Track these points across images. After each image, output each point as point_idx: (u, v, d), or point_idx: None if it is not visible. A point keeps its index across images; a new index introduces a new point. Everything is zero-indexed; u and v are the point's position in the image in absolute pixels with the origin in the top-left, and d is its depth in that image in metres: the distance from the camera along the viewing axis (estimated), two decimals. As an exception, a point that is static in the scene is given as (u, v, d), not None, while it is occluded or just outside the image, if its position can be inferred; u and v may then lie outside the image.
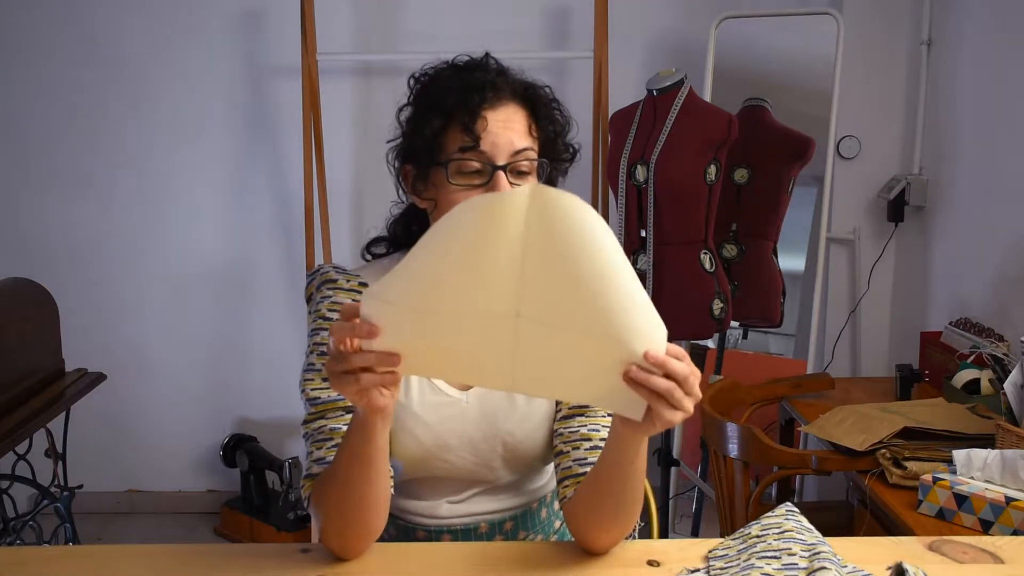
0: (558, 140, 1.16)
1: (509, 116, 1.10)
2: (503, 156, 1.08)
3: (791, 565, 1.01)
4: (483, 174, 1.09)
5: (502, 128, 1.09)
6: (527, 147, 1.10)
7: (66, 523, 2.35)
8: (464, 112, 1.08)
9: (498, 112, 1.09)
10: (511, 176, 1.09)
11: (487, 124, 1.08)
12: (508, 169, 1.08)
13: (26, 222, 3.26)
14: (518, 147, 1.09)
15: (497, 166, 1.08)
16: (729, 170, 2.74)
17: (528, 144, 1.10)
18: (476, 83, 1.10)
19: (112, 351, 3.22)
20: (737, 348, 3.01)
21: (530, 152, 1.11)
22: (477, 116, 1.08)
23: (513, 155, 1.09)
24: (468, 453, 1.18)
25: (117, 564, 1.10)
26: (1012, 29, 2.39)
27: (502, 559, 1.09)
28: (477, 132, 1.08)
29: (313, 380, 1.14)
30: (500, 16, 3.09)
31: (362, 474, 1.01)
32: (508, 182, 1.08)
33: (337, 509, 1.05)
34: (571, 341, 0.85)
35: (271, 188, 3.26)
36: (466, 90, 1.09)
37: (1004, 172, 2.42)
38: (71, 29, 3.15)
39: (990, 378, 2.08)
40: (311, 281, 1.22)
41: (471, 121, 1.08)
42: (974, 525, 1.57)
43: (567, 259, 0.82)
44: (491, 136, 1.08)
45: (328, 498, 1.05)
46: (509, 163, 1.08)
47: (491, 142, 1.08)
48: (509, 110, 1.10)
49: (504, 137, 1.08)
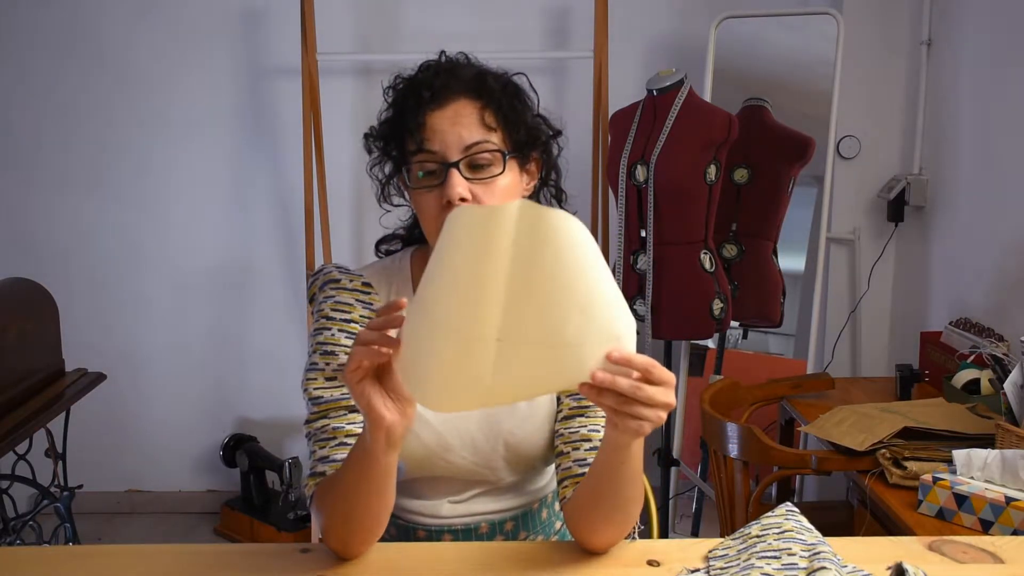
0: (522, 122, 1.14)
1: (457, 111, 1.10)
2: (455, 152, 1.08)
3: (791, 565, 1.01)
4: (439, 173, 1.09)
5: (449, 125, 1.08)
6: (481, 139, 1.09)
7: (66, 523, 2.35)
8: (410, 118, 1.10)
9: (445, 110, 1.09)
10: (468, 171, 1.09)
11: (432, 124, 1.09)
12: (463, 164, 1.08)
13: (26, 222, 3.26)
14: (468, 141, 1.08)
15: (449, 163, 1.08)
16: (729, 170, 2.74)
17: (482, 136, 1.09)
18: (420, 86, 1.11)
19: (112, 351, 3.22)
20: (737, 348, 3.01)
21: (486, 144, 1.09)
22: (421, 119, 1.09)
23: (465, 149, 1.08)
24: (469, 453, 1.18)
25: (117, 564, 1.10)
26: (1012, 29, 2.39)
27: (502, 559, 1.09)
28: (422, 136, 1.09)
29: (316, 379, 1.14)
30: (500, 16, 3.09)
31: (368, 490, 1.02)
32: (463, 177, 1.08)
33: (340, 515, 1.05)
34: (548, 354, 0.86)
35: (271, 188, 3.26)
36: (410, 95, 1.11)
37: (1004, 172, 2.42)
38: (71, 29, 3.15)
39: (990, 378, 2.08)
40: (314, 281, 1.22)
41: (416, 126, 1.09)
42: (974, 525, 1.57)
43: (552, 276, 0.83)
44: (439, 135, 1.08)
45: (332, 503, 1.05)
46: (462, 158, 1.08)
47: (440, 141, 1.08)
48: (457, 105, 1.10)
49: (452, 134, 1.08)
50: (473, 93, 1.11)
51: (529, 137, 1.15)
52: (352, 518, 1.05)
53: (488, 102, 1.11)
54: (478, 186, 1.08)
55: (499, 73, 1.16)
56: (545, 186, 1.24)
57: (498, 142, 1.10)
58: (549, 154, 1.20)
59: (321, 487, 1.09)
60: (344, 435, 1.11)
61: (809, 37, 2.90)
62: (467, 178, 1.08)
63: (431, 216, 1.10)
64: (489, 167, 1.10)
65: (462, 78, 1.12)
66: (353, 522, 1.05)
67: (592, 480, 1.06)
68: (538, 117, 1.18)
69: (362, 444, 0.99)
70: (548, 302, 0.84)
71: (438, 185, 1.08)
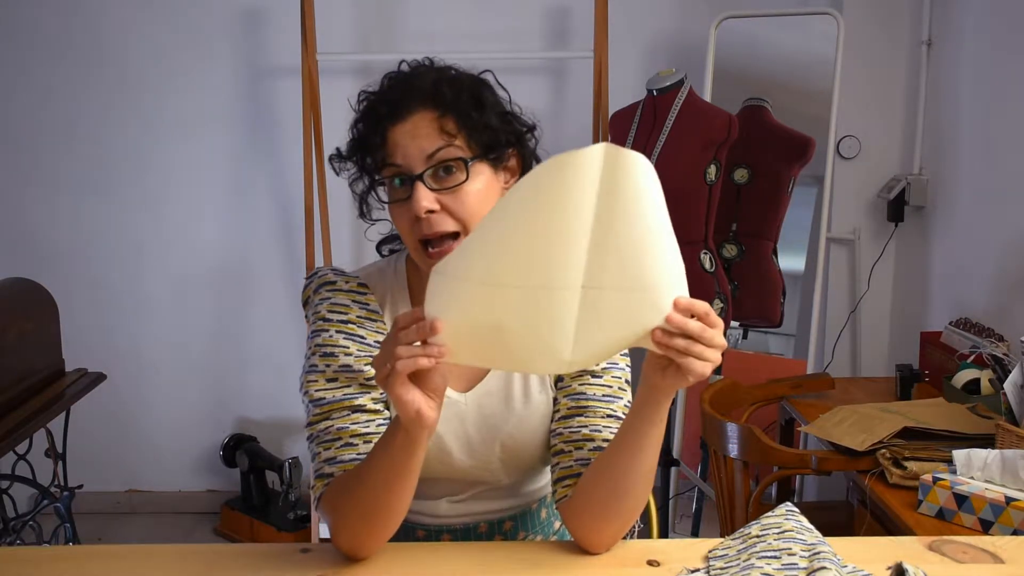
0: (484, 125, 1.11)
1: (415, 124, 1.09)
2: (418, 164, 1.08)
3: (791, 565, 1.01)
4: (406, 186, 1.09)
5: (409, 139, 1.08)
6: (441, 146, 1.08)
7: (66, 523, 2.35)
8: (371, 136, 1.11)
9: (405, 123, 1.09)
10: (434, 182, 1.08)
11: (393, 139, 1.09)
12: (428, 175, 1.08)
13: (26, 222, 3.26)
14: (429, 150, 1.08)
15: (413, 176, 1.08)
16: (729, 170, 2.74)
17: (442, 143, 1.08)
18: (379, 102, 1.12)
19: (112, 351, 3.22)
20: (737, 348, 3.01)
21: (449, 150, 1.08)
22: (382, 137, 1.09)
23: (428, 159, 1.08)
24: (466, 455, 1.18)
25: (117, 564, 1.10)
26: (1012, 29, 2.39)
27: (502, 559, 1.10)
28: (385, 150, 1.09)
29: (316, 381, 1.14)
30: (500, 16, 3.09)
31: (398, 485, 1.02)
32: (429, 189, 1.07)
33: (360, 512, 1.05)
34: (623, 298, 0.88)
35: (271, 188, 3.26)
36: (371, 111, 1.12)
37: (1004, 172, 2.42)
38: (72, 29, 3.15)
39: (990, 378, 2.08)
40: (308, 284, 1.22)
41: (378, 143, 1.10)
42: (974, 525, 1.57)
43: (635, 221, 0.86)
44: (400, 149, 1.08)
45: (352, 501, 1.05)
46: (426, 169, 1.08)
47: (402, 155, 1.08)
48: (414, 118, 1.09)
49: (413, 146, 1.08)
50: (430, 103, 1.10)
51: (494, 138, 1.13)
52: (374, 515, 1.05)
53: (446, 110, 1.09)
54: (445, 195, 1.08)
55: (459, 76, 1.14)
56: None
57: (461, 147, 1.09)
58: (525, 148, 1.18)
59: (334, 487, 1.09)
60: (349, 435, 1.11)
61: (809, 37, 2.90)
62: (434, 189, 1.07)
63: (405, 230, 1.10)
64: (455, 174, 1.09)
65: (419, 88, 1.11)
66: (373, 519, 1.05)
67: (610, 455, 1.07)
68: (508, 115, 1.16)
69: (393, 441, 1.00)
70: (631, 246, 0.86)
71: (407, 199, 1.08)
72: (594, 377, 1.17)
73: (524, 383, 1.19)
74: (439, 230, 1.07)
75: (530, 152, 1.19)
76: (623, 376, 1.18)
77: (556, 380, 1.20)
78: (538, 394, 1.19)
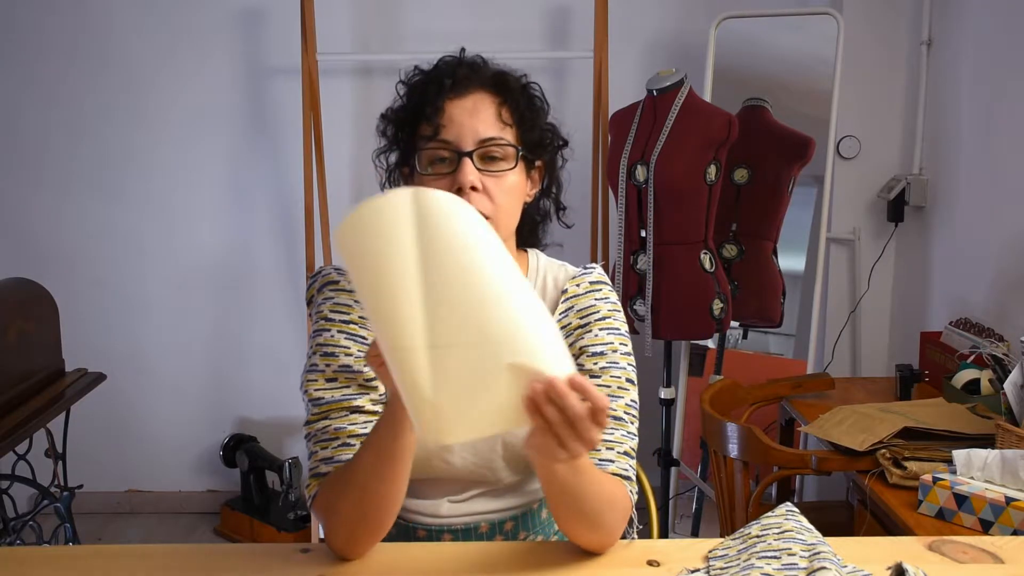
0: (536, 123, 1.17)
1: (475, 104, 1.12)
2: (469, 143, 1.10)
3: (791, 565, 1.01)
4: (451, 162, 1.10)
5: (467, 116, 1.10)
6: (496, 135, 1.11)
7: (66, 523, 2.35)
8: (427, 104, 1.11)
9: (464, 100, 1.11)
10: (480, 162, 1.10)
11: (450, 113, 1.10)
12: (476, 155, 1.10)
13: (26, 222, 3.26)
14: (484, 135, 1.10)
15: (463, 152, 1.09)
16: (729, 170, 2.74)
17: (497, 132, 1.11)
18: (440, 75, 1.13)
19: (112, 351, 3.22)
20: (737, 348, 3.01)
21: (500, 140, 1.11)
22: (439, 106, 1.10)
23: (480, 142, 1.10)
24: (469, 454, 1.18)
25: (117, 564, 1.10)
26: (1012, 29, 2.39)
27: (502, 559, 1.10)
28: (438, 122, 1.10)
29: (316, 381, 1.14)
30: (500, 16, 3.09)
31: (387, 470, 1.02)
32: (475, 167, 1.09)
33: (354, 506, 1.05)
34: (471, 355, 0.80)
35: (271, 188, 3.26)
36: (430, 83, 1.13)
37: (1004, 172, 2.42)
38: (72, 29, 3.15)
39: (990, 378, 2.08)
40: (312, 284, 1.22)
41: (433, 112, 1.10)
42: (974, 525, 1.57)
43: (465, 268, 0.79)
44: (455, 125, 1.10)
45: (345, 495, 1.06)
46: (475, 149, 1.10)
47: (456, 130, 1.10)
48: (475, 97, 1.12)
49: (468, 124, 1.10)
50: (492, 88, 1.13)
51: (540, 140, 1.17)
52: (365, 505, 1.05)
53: (506, 99, 1.13)
54: (488, 178, 1.10)
55: (518, 76, 1.18)
56: (545, 196, 1.24)
57: (511, 139, 1.12)
58: (554, 164, 1.22)
59: (328, 483, 1.09)
60: (347, 436, 1.11)
61: (809, 37, 2.90)
62: (478, 169, 1.10)
63: None
64: (501, 161, 1.11)
65: (483, 73, 1.14)
66: (365, 510, 1.05)
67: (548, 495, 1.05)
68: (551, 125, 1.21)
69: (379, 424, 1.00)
70: (468, 295, 0.78)
71: (448, 173, 1.10)
72: (593, 376, 1.17)
73: None
74: (477, 208, 1.07)
75: (556, 169, 1.22)
76: (623, 375, 1.18)
77: None
78: None
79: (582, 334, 1.19)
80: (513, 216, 1.16)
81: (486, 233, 0.82)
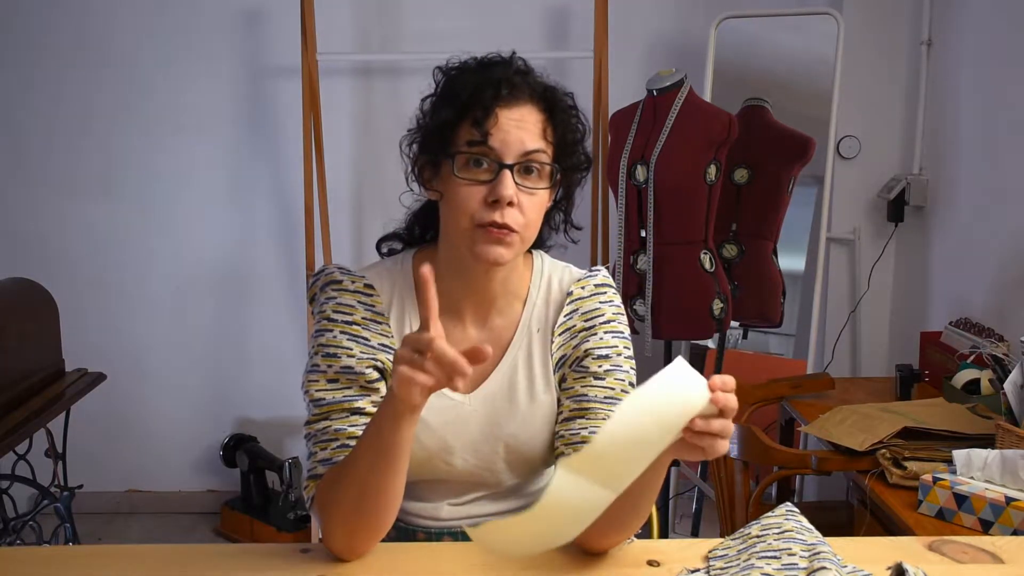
0: (576, 147, 1.15)
1: (523, 116, 1.09)
2: (512, 155, 1.07)
3: (791, 565, 1.01)
4: (490, 171, 1.08)
5: (514, 127, 1.08)
6: (539, 149, 1.09)
7: (66, 523, 2.35)
8: (478, 107, 1.08)
9: (512, 111, 1.08)
10: (518, 176, 1.08)
11: (499, 121, 1.07)
12: (516, 168, 1.08)
13: (27, 222, 3.25)
14: (529, 148, 1.08)
15: (504, 164, 1.07)
16: (729, 170, 2.74)
17: (540, 147, 1.09)
18: (494, 79, 1.09)
19: (112, 351, 3.21)
20: (737, 348, 3.01)
21: (541, 155, 1.09)
22: (490, 112, 1.07)
23: (523, 155, 1.08)
24: (470, 455, 1.18)
25: (117, 564, 1.10)
26: (1012, 29, 2.39)
27: (502, 560, 1.09)
28: (487, 128, 1.07)
29: (318, 381, 1.13)
30: (500, 16, 3.09)
31: (385, 468, 1.02)
32: (513, 181, 1.07)
33: (353, 505, 1.05)
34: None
35: (271, 188, 3.26)
36: (483, 85, 1.09)
37: (1004, 172, 2.42)
38: (72, 29, 3.15)
39: (990, 378, 2.08)
40: (315, 282, 1.21)
41: (483, 116, 1.07)
42: (974, 525, 1.57)
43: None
44: (502, 133, 1.07)
45: (343, 495, 1.05)
46: (517, 162, 1.07)
47: (501, 139, 1.07)
48: (524, 110, 1.09)
49: (515, 136, 1.08)
50: (541, 102, 1.11)
51: (576, 165, 1.15)
52: (364, 505, 1.04)
53: (552, 116, 1.11)
54: (522, 193, 1.08)
55: (566, 92, 1.16)
56: (558, 212, 1.23)
57: (550, 158, 1.11)
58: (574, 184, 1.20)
59: (325, 481, 1.09)
60: (346, 437, 1.11)
61: (809, 37, 2.90)
62: (515, 183, 1.07)
63: (468, 209, 1.07)
64: (537, 178, 1.10)
65: (534, 86, 1.12)
66: (364, 509, 1.04)
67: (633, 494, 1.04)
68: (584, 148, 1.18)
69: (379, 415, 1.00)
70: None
71: (485, 182, 1.07)
72: (596, 379, 1.16)
73: (529, 382, 1.19)
74: (510, 222, 1.07)
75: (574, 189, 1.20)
76: (626, 378, 1.18)
77: (560, 381, 1.20)
78: (543, 394, 1.19)
79: (587, 336, 1.18)
80: (536, 230, 1.13)
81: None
